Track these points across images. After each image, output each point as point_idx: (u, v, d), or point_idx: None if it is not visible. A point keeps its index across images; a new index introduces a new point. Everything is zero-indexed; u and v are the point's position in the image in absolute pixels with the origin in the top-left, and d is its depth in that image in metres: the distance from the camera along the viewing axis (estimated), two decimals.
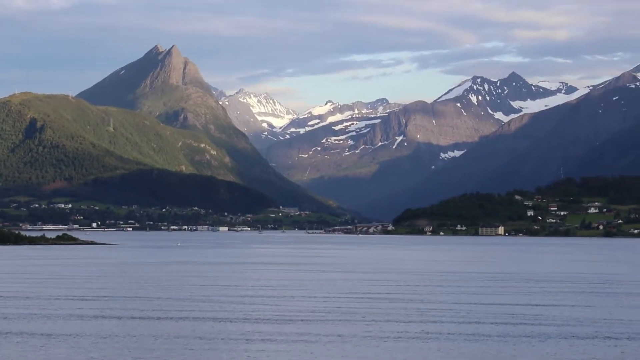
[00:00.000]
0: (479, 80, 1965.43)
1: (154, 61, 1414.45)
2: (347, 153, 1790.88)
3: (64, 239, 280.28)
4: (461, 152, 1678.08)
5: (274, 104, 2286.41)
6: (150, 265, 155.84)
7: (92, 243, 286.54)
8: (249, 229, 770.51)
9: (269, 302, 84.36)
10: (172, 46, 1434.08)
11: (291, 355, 52.28)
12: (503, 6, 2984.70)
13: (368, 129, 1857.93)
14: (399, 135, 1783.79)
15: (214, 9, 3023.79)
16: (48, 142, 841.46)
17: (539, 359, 51.87)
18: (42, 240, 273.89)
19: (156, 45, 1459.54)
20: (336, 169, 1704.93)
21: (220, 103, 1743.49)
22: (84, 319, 68.88)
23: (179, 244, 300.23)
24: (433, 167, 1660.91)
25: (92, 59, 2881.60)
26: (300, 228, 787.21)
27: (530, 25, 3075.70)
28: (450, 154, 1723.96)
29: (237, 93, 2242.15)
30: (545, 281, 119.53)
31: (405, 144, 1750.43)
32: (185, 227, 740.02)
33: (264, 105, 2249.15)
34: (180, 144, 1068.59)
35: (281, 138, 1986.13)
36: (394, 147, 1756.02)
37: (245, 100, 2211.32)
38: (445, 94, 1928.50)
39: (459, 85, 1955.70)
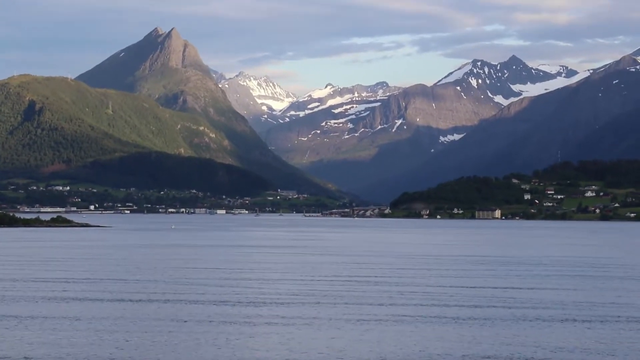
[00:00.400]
0: (479, 63, 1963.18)
1: (153, 44, 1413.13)
2: (347, 136, 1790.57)
3: (59, 222, 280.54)
4: (461, 136, 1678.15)
5: (274, 87, 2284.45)
6: (138, 248, 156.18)
7: (86, 225, 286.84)
8: (247, 212, 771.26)
9: (250, 284, 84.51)
10: (172, 29, 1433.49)
11: (264, 338, 52.50)
12: None
13: (368, 112, 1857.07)
14: (399, 119, 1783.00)
15: None
16: (47, 125, 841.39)
17: (508, 341, 51.96)
18: (36, 223, 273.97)
19: (156, 28, 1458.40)
20: (335, 152, 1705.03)
21: (220, 86, 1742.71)
22: (56, 301, 69.09)
23: (172, 227, 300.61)
24: (432, 150, 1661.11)
25: (92, 41, 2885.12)
26: (298, 211, 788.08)
27: (530, 9, 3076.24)
28: (450, 138, 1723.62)
29: (237, 76, 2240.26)
30: (528, 264, 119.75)
31: (405, 127, 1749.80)
32: (183, 210, 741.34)
33: (263, 89, 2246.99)
34: (179, 126, 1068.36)
35: (281, 121, 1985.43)
36: (393, 130, 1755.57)
37: (245, 83, 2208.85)
38: (445, 77, 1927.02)
39: (459, 69, 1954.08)
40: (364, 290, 79.40)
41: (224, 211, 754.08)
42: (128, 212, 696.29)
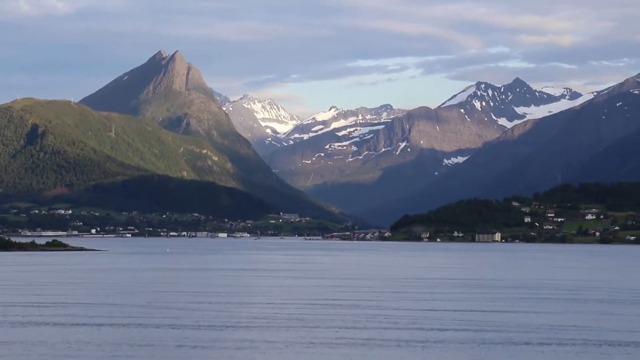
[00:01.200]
0: (482, 86, 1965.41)
1: (157, 67, 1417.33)
2: (351, 159, 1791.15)
3: (54, 245, 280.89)
4: (465, 158, 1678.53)
5: (278, 110, 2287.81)
6: (125, 272, 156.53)
7: (81, 249, 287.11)
8: (249, 235, 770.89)
9: (224, 308, 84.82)
10: (176, 51, 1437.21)
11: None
12: (508, 11, 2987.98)
13: (371, 135, 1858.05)
14: (403, 141, 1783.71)
15: (219, 14, 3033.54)
16: (49, 148, 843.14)
17: None
18: (31, 247, 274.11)
19: (160, 51, 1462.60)
20: (339, 175, 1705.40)
21: (224, 109, 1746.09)
22: (25, 326, 69.40)
23: (167, 250, 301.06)
24: (436, 173, 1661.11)
25: (96, 65, 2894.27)
26: (301, 234, 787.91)
27: (535, 31, 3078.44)
28: (454, 160, 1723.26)
29: (241, 99, 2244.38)
30: (513, 288, 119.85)
31: (409, 149, 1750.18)
32: (185, 233, 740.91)
33: (268, 111, 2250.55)
34: (182, 149, 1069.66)
35: (285, 144, 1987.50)
36: (397, 153, 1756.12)
37: (249, 106, 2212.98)
38: (449, 99, 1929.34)
39: (463, 91, 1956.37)
40: (335, 314, 79.68)
41: (225, 234, 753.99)
42: (129, 235, 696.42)
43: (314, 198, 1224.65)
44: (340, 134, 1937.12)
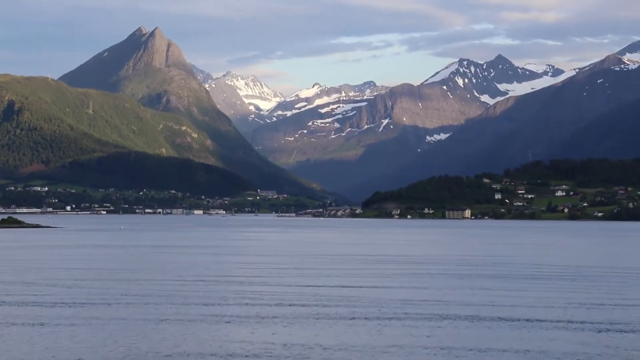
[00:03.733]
0: (465, 62, 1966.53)
1: (137, 43, 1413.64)
2: (333, 136, 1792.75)
3: (8, 222, 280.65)
4: (447, 135, 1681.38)
5: (262, 87, 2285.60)
6: (56, 249, 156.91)
7: (36, 226, 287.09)
8: (224, 212, 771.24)
9: (115, 284, 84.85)
10: (155, 28, 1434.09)
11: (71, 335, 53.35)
12: None
13: (354, 112, 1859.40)
14: (385, 118, 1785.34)
15: None
16: (25, 125, 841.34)
17: (318, 340, 52.63)
18: None
19: (140, 27, 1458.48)
20: (322, 152, 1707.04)
21: (207, 86, 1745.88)
22: None
23: (121, 228, 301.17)
24: (419, 150, 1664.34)
25: (78, 41, 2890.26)
26: (278, 211, 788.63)
27: (519, 7, 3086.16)
28: (436, 137, 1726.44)
29: (224, 76, 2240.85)
30: (420, 263, 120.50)
31: (391, 126, 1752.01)
32: (160, 210, 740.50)
33: (251, 88, 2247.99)
34: (161, 126, 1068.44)
35: (268, 121, 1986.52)
36: (380, 130, 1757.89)
37: (232, 83, 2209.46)
38: (432, 76, 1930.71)
39: (446, 68, 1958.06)
40: (201, 290, 79.92)
41: (201, 212, 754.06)
42: (104, 212, 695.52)
43: (295, 175, 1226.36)
44: (323, 111, 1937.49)
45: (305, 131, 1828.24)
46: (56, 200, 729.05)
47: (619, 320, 62.04)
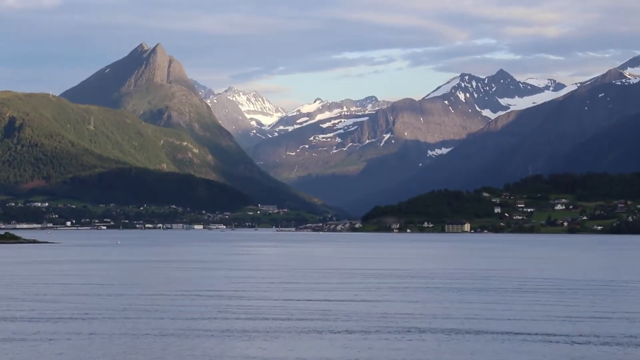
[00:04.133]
0: (466, 77, 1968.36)
1: (138, 59, 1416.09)
2: (335, 151, 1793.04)
3: (5, 238, 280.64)
4: (449, 149, 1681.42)
5: (263, 102, 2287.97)
6: (47, 264, 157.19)
7: (33, 242, 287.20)
8: (225, 227, 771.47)
9: (78, 300, 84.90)
10: (157, 44, 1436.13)
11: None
12: (494, 3, 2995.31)
13: (356, 127, 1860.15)
14: (387, 133, 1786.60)
15: (205, 6, 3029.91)
16: (27, 141, 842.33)
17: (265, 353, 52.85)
18: None
19: (141, 44, 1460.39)
20: (324, 167, 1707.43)
21: (209, 101, 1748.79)
22: None
23: (118, 243, 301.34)
24: (420, 164, 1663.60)
25: (80, 58, 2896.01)
26: (282, 226, 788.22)
27: (521, 22, 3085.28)
28: (438, 152, 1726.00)
29: (226, 91, 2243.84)
30: (411, 277, 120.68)
31: (393, 141, 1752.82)
32: (160, 225, 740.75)
33: (253, 104, 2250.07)
34: (162, 142, 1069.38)
35: (269, 136, 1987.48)
36: (381, 144, 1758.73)
37: (234, 99, 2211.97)
38: (433, 91, 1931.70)
39: (447, 83, 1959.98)
40: (195, 305, 79.90)
41: (201, 226, 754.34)
42: (104, 227, 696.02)
43: (296, 190, 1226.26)
44: (324, 125, 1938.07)
45: (306, 146, 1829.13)
46: (56, 216, 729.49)
47: (593, 332, 62.20)
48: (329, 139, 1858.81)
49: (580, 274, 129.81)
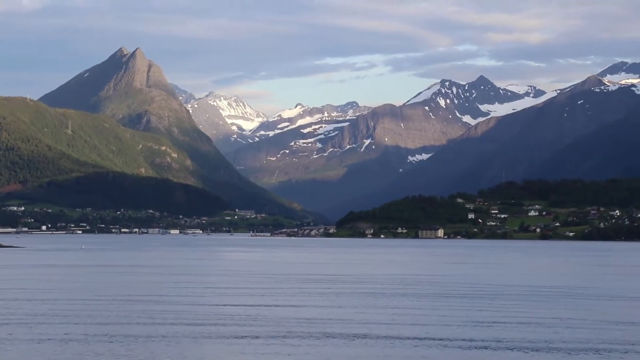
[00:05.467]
0: (447, 83, 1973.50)
1: (118, 64, 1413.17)
2: (316, 156, 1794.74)
3: None
4: (429, 155, 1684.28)
5: (244, 107, 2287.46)
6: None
7: None
8: (201, 231, 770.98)
9: (27, 305, 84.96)
10: (137, 49, 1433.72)
11: None
12: (476, 9, 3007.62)
13: (336, 132, 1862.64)
14: (367, 139, 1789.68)
15: (188, 11, 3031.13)
16: (3, 145, 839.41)
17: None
18: None
19: (121, 48, 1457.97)
20: (304, 172, 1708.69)
21: (189, 106, 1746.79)
22: None
23: (82, 247, 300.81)
24: (401, 170, 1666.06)
25: (60, 61, 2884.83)
26: (259, 231, 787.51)
27: (503, 29, 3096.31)
28: (418, 157, 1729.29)
29: (207, 96, 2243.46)
30: (332, 282, 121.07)
31: (374, 147, 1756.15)
32: (136, 230, 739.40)
33: (234, 108, 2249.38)
34: (140, 146, 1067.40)
35: (250, 141, 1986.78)
36: (362, 150, 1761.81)
37: (215, 103, 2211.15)
38: (414, 97, 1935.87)
39: (428, 89, 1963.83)
40: (127, 310, 79.96)
41: (177, 231, 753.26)
42: (80, 232, 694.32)
43: (275, 195, 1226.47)
44: (305, 131, 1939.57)
45: (287, 151, 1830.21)
46: (32, 220, 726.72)
47: (496, 337, 62.77)
48: (310, 144, 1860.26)
49: (521, 280, 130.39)
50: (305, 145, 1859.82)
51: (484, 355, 55.00)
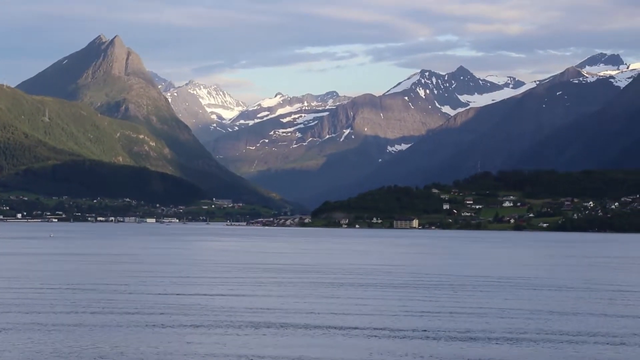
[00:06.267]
0: (426, 74, 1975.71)
1: (96, 51, 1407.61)
2: (295, 145, 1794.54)
3: None
4: (408, 145, 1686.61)
5: (224, 96, 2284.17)
6: None
7: None
8: (177, 220, 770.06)
9: None
10: (115, 36, 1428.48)
11: None
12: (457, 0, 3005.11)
13: (316, 122, 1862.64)
14: (347, 128, 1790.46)
15: None
16: None
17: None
18: None
19: (99, 35, 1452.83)
20: (283, 162, 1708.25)
21: (169, 95, 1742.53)
22: None
23: (50, 235, 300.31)
24: (380, 160, 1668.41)
25: (38, 49, 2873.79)
26: (235, 221, 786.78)
27: (483, 19, 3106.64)
28: (398, 147, 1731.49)
29: (186, 84, 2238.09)
30: (301, 272, 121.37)
31: (353, 137, 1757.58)
32: (112, 218, 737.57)
33: (213, 97, 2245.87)
34: (118, 134, 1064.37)
35: (230, 130, 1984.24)
36: (341, 139, 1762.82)
37: (194, 92, 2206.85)
38: (394, 87, 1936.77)
39: (407, 79, 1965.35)
40: (65, 299, 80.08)
41: (154, 220, 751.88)
42: (55, 220, 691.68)
43: (254, 184, 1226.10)
44: (284, 120, 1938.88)
45: (266, 140, 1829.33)
46: (7, 208, 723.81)
47: (437, 327, 63.14)
48: (289, 134, 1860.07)
49: (474, 270, 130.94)
50: (284, 134, 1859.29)
51: (393, 344, 55.36)
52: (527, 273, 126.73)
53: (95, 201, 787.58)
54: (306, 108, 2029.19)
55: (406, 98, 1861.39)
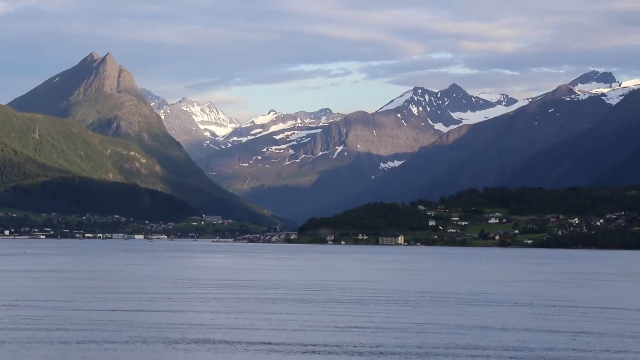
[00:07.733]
0: (419, 91, 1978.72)
1: (88, 69, 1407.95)
2: (288, 162, 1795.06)
3: None
4: (401, 162, 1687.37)
5: (218, 113, 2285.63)
6: None
7: None
8: (166, 237, 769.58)
9: None
10: (107, 54, 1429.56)
11: None
12: (451, 18, 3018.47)
13: (309, 139, 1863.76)
14: (340, 145, 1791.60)
15: (161, 17, 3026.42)
16: None
17: None
18: None
19: (91, 53, 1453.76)
20: (276, 179, 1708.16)
21: (162, 112, 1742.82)
22: None
23: (26, 252, 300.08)
24: (373, 177, 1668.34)
25: (31, 66, 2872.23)
26: (223, 237, 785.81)
27: (477, 37, 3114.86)
28: (390, 164, 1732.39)
29: (179, 102, 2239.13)
30: (268, 288, 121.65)
31: (346, 153, 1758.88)
32: (100, 235, 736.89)
33: (207, 114, 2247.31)
34: (109, 151, 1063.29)
35: (223, 147, 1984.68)
36: (334, 156, 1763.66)
37: (188, 109, 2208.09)
38: (387, 104, 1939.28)
39: (400, 96, 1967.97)
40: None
41: (142, 236, 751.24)
42: (43, 237, 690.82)
43: (245, 201, 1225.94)
44: (277, 137, 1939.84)
45: (259, 157, 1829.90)
46: None
47: (338, 342, 63.43)
48: (282, 151, 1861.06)
49: (432, 287, 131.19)
50: (277, 151, 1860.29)
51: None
52: (484, 289, 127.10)
53: (84, 218, 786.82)
54: (299, 125, 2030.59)
55: (399, 115, 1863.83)
